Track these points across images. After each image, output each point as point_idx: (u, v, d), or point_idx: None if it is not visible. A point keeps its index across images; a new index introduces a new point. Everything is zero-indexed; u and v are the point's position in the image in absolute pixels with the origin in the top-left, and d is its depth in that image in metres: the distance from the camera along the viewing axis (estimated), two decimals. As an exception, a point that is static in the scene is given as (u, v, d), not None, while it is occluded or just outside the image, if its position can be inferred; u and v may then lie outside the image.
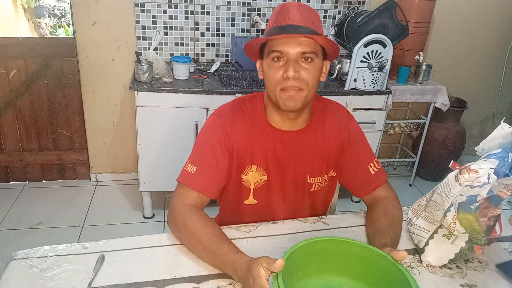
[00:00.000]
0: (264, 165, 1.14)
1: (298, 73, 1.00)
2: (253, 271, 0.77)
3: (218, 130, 1.09)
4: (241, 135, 1.11)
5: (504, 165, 0.87)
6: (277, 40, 1.01)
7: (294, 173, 1.16)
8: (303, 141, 1.14)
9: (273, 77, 1.03)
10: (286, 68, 1.00)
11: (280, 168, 1.15)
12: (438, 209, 0.93)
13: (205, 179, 1.06)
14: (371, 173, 1.17)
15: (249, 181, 1.15)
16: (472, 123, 3.32)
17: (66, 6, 3.81)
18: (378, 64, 2.31)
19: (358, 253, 0.87)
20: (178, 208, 1.02)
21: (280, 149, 1.13)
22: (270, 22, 1.06)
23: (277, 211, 1.20)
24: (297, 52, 1.00)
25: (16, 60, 2.51)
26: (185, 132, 2.24)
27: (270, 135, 1.13)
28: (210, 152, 1.08)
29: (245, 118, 1.12)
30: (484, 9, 2.94)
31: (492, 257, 1.04)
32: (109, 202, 2.65)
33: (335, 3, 2.69)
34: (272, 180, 1.16)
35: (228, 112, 1.13)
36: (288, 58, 1.01)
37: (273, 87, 1.04)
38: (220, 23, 2.60)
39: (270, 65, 1.04)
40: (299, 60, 1.01)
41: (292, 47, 1.00)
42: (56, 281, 0.87)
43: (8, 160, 2.73)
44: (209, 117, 1.15)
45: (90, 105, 2.68)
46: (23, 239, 2.26)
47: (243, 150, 1.11)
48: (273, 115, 1.12)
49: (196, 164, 1.07)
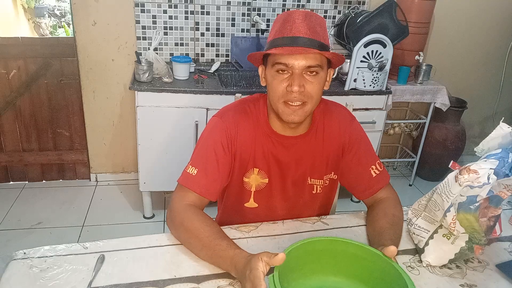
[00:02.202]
0: (265, 168, 1.14)
1: (303, 87, 1.00)
2: (252, 263, 0.78)
3: (221, 132, 1.09)
4: (245, 137, 1.10)
5: (504, 165, 0.87)
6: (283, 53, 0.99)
7: (295, 176, 1.17)
8: (304, 145, 1.14)
9: (277, 89, 1.02)
10: (291, 81, 0.99)
11: (281, 171, 1.15)
12: (438, 209, 0.93)
13: (206, 182, 1.06)
14: (373, 176, 1.16)
15: (250, 184, 1.15)
16: (472, 123, 3.32)
17: (66, 6, 3.81)
18: (378, 64, 2.31)
19: (354, 252, 0.87)
20: (177, 208, 1.02)
21: (282, 153, 1.13)
22: (275, 31, 1.03)
23: (277, 214, 1.20)
24: (303, 66, 0.98)
25: (16, 60, 2.51)
26: (185, 132, 2.24)
27: (272, 139, 1.13)
28: (212, 155, 1.07)
29: (248, 120, 1.11)
30: (484, 9, 2.94)
31: (492, 257, 1.04)
32: (109, 202, 2.65)
33: (335, 3, 2.69)
34: (273, 182, 1.16)
35: (232, 114, 1.12)
36: (293, 71, 0.99)
37: (277, 99, 1.03)
38: (220, 23, 2.60)
39: (274, 77, 1.02)
40: (304, 73, 1.00)
41: (297, 60, 0.98)
42: (56, 281, 0.87)
43: (8, 160, 2.73)
44: (211, 118, 1.14)
45: (90, 105, 2.68)
46: (23, 239, 2.25)
47: (246, 153, 1.11)
48: (275, 121, 1.12)
49: (197, 166, 1.06)
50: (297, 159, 1.15)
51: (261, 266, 0.76)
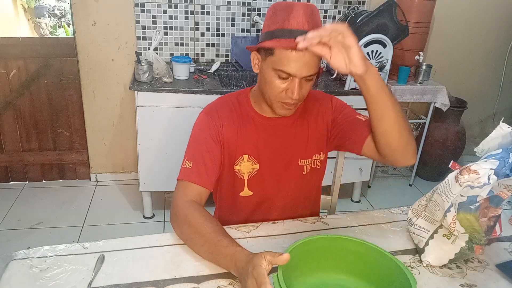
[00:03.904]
0: (255, 154, 1.18)
1: (301, 93, 1.04)
2: (254, 261, 0.78)
3: (208, 125, 1.15)
4: (230, 127, 1.16)
5: (505, 165, 0.87)
6: (285, 56, 0.99)
7: (285, 158, 1.20)
8: (291, 127, 1.19)
9: (275, 90, 1.05)
10: (292, 89, 1.03)
11: (271, 155, 1.19)
12: (438, 209, 0.93)
13: (202, 171, 1.10)
14: (363, 120, 1.15)
15: (242, 172, 1.18)
16: (472, 123, 3.32)
17: (66, 6, 3.81)
18: (378, 64, 2.31)
19: (355, 249, 0.88)
20: (180, 205, 1.03)
21: (270, 137, 1.18)
22: (273, 21, 1.02)
23: (273, 199, 1.22)
24: (305, 75, 1.02)
25: (16, 60, 2.51)
26: (185, 132, 2.20)
27: (259, 124, 1.17)
28: (204, 147, 1.13)
29: (232, 112, 1.18)
30: (484, 9, 2.94)
31: (492, 257, 1.04)
32: (109, 202, 2.65)
33: (335, 3, 2.69)
34: (264, 167, 1.19)
35: (214, 107, 1.19)
36: (294, 78, 1.02)
37: (273, 97, 1.07)
38: (220, 23, 2.60)
39: (273, 77, 1.04)
40: (303, 79, 1.04)
41: (300, 70, 1.00)
42: (56, 281, 0.87)
43: (8, 160, 2.73)
44: (198, 115, 1.20)
45: (90, 105, 2.68)
46: (23, 239, 2.26)
47: (233, 142, 1.16)
48: (263, 106, 1.16)
49: (192, 159, 1.11)
50: (286, 142, 1.19)
51: (264, 264, 0.77)
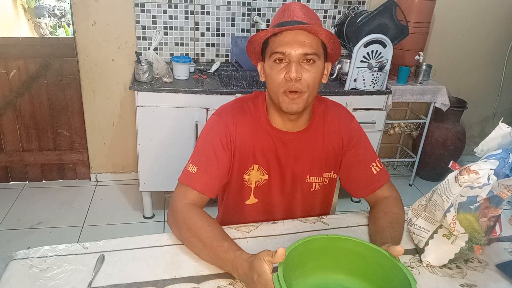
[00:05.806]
0: (265, 165, 1.15)
1: (300, 74, 1.01)
2: (256, 267, 0.77)
3: (220, 130, 1.10)
4: (244, 134, 1.11)
5: (505, 166, 0.87)
6: (279, 40, 1.01)
7: (294, 173, 1.17)
8: (303, 142, 1.15)
9: (276, 79, 1.03)
10: (288, 69, 1.01)
11: (280, 168, 1.16)
12: (438, 209, 0.93)
13: (206, 179, 1.06)
14: (373, 173, 1.17)
15: (250, 181, 1.16)
16: (472, 123, 3.32)
17: (66, 6, 3.81)
18: (378, 64, 2.31)
19: (354, 249, 0.87)
20: (179, 207, 1.02)
21: (281, 149, 1.14)
22: (274, 20, 1.08)
23: (275, 210, 1.21)
24: (299, 54, 1.00)
25: (16, 60, 2.51)
26: (185, 132, 2.24)
27: (272, 135, 1.13)
28: (211, 153, 1.08)
29: (247, 117, 1.13)
30: (484, 9, 2.94)
31: (492, 257, 1.03)
32: (109, 202, 2.65)
33: (335, 3, 2.69)
34: (273, 179, 1.17)
35: (230, 111, 1.13)
36: (290, 60, 1.01)
37: (276, 89, 1.04)
38: (220, 23, 2.60)
39: (272, 67, 1.04)
40: (301, 61, 1.02)
41: (294, 48, 1.00)
42: (56, 281, 0.87)
43: (8, 160, 2.73)
44: (210, 116, 1.15)
45: (90, 105, 2.68)
46: (23, 239, 2.25)
47: (246, 150, 1.12)
48: (275, 116, 1.13)
49: (197, 164, 1.07)
50: (297, 156, 1.15)
51: (267, 268, 0.76)
